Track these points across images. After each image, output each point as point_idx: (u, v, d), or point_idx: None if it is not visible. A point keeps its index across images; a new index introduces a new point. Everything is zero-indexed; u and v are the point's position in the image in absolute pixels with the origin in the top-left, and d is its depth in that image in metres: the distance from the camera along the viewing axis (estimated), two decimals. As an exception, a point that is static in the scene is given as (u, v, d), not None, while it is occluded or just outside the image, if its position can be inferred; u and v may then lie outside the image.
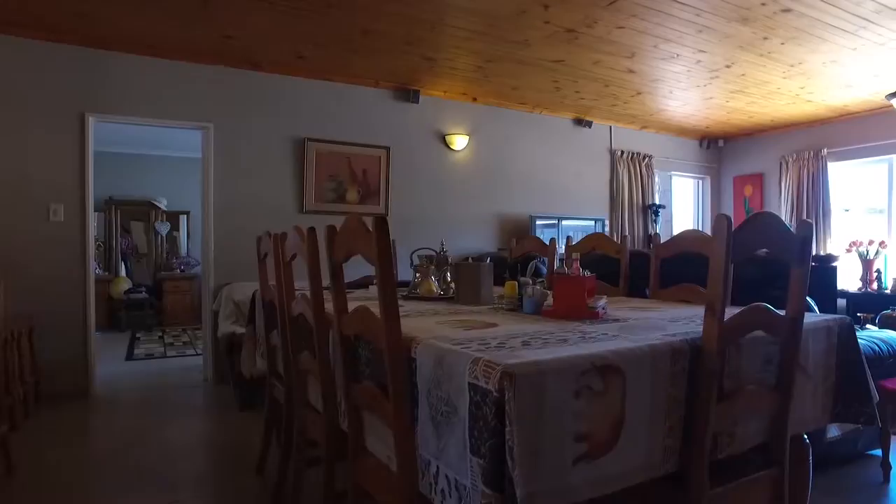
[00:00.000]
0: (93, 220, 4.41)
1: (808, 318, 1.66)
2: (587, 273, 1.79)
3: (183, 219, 8.93)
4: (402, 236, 5.41)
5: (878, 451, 2.82)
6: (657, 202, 7.18)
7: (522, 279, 2.04)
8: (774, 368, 1.52)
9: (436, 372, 1.24)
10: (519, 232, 6.01)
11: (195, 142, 4.94)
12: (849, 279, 6.41)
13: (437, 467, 1.25)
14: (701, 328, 1.32)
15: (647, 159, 7.16)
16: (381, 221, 1.28)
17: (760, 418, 1.51)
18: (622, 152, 6.93)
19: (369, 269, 3.19)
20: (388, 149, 5.36)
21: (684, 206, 8.02)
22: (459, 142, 5.69)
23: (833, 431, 2.00)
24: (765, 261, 2.73)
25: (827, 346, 1.68)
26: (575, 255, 1.75)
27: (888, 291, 5.81)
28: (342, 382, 1.71)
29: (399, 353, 1.32)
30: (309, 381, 2.16)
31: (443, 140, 5.70)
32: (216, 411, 3.96)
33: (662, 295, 2.46)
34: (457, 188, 5.80)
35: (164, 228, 8.84)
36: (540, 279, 2.15)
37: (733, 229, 1.31)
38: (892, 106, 4.72)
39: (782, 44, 4.31)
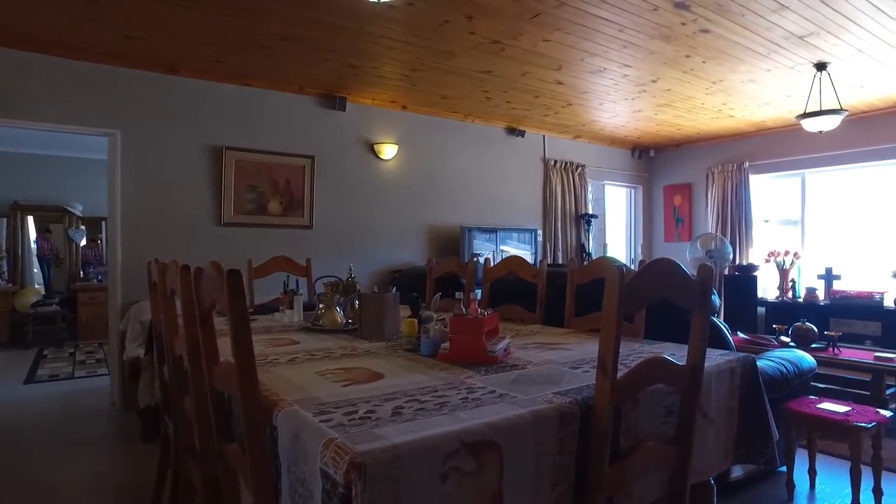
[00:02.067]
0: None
1: (711, 359, 1.61)
2: (488, 312, 1.68)
3: (103, 225, 8.37)
4: (328, 248, 5.22)
5: (784, 468, 2.85)
6: (590, 212, 7.24)
7: (426, 314, 1.91)
8: (676, 419, 1.45)
9: (294, 447, 1.09)
10: (450, 243, 5.91)
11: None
12: (768, 288, 6.66)
13: (300, 552, 1.10)
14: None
15: (580, 169, 7.21)
16: (234, 277, 1.11)
17: (660, 472, 1.43)
18: (555, 162, 6.95)
19: (292, 282, 2.97)
20: (312, 158, 5.14)
21: (617, 215, 8.14)
22: (388, 151, 5.53)
23: (737, 471, 1.98)
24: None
25: (730, 387, 1.63)
26: (472, 294, 1.64)
27: (801, 300, 6.05)
28: (216, 439, 1.54)
29: (257, 423, 1.17)
30: (193, 425, 1.97)
31: (371, 149, 5.52)
32: (117, 443, 3.66)
33: (578, 323, 2.39)
34: (386, 199, 5.64)
35: (78, 236, 8.26)
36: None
37: (635, 273, 1.23)
38: (801, 126, 4.93)
39: (703, 62, 4.39)
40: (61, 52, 4.09)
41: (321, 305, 2.34)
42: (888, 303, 5.49)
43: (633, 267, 8.04)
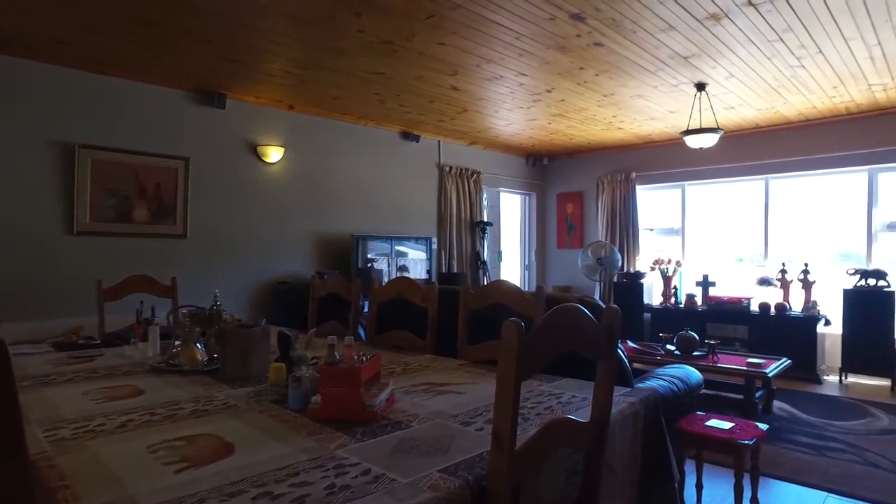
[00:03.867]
0: None
1: (614, 403, 1.47)
2: (368, 356, 1.45)
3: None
4: (205, 259, 4.73)
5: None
6: (485, 219, 7.21)
7: (298, 354, 1.64)
8: (580, 479, 1.29)
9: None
10: (341, 252, 5.60)
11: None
12: (654, 294, 6.97)
13: None
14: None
15: (475, 175, 7.15)
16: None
17: (561, 541, 1.27)
18: (451, 168, 6.83)
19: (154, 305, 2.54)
20: (187, 160, 4.62)
21: (511, 221, 8.20)
22: (274, 154, 5.11)
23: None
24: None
25: (633, 432, 1.52)
26: (348, 341, 1.39)
27: (682, 306, 6.37)
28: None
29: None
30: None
31: (254, 151, 5.07)
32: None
33: (471, 352, 2.21)
34: (271, 205, 5.21)
35: None
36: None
37: (534, 330, 1.04)
38: (684, 141, 5.16)
39: (596, 75, 4.43)
40: None
41: (178, 343, 1.98)
42: (754, 307, 5.90)
43: (526, 274, 8.14)
